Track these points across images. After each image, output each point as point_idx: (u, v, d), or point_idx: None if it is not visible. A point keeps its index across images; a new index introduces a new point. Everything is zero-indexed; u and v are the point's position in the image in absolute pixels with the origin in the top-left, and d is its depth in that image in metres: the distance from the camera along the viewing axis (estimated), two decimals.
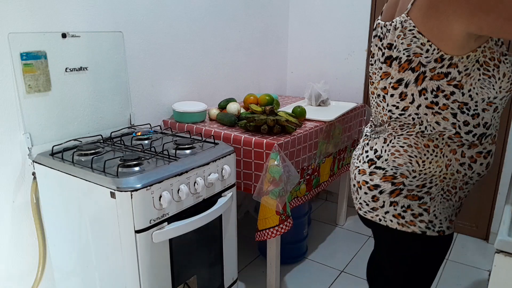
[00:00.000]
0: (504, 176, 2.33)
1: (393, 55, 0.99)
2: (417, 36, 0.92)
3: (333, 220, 2.75)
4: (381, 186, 1.04)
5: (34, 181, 1.51)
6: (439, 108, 0.95)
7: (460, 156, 0.98)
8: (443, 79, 0.92)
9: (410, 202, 1.02)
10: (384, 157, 1.04)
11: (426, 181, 1.00)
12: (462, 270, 2.21)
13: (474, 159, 0.98)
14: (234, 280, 1.75)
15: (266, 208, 1.73)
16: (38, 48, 1.46)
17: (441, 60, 0.91)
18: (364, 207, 1.11)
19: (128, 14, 1.79)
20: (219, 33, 2.31)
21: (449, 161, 0.98)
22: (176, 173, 1.35)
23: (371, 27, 2.59)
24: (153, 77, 1.97)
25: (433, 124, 0.97)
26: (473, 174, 1.01)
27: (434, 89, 0.94)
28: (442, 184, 1.00)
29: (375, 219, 1.09)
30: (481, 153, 0.99)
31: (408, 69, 0.95)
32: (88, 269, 1.44)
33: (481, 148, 0.98)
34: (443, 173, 0.99)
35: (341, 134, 2.24)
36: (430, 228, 1.02)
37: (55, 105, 1.55)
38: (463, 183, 1.02)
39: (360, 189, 1.11)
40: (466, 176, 1.00)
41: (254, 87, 2.69)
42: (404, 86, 0.97)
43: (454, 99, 0.94)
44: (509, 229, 0.89)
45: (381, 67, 1.03)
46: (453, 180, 1.00)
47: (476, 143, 0.98)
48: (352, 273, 2.18)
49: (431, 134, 0.98)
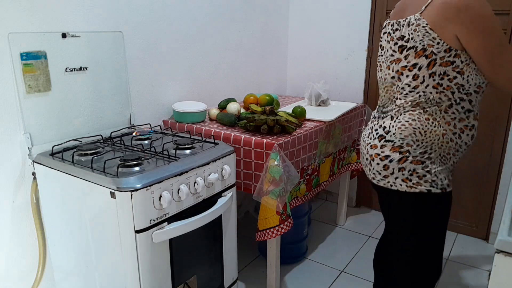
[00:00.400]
0: (504, 176, 2.33)
1: (407, 45, 1.22)
2: (429, 31, 1.16)
3: (333, 220, 2.75)
4: (391, 156, 1.26)
5: (34, 181, 1.51)
6: (443, 88, 1.19)
7: (453, 127, 1.23)
8: (450, 66, 1.17)
9: (415, 167, 1.23)
10: (392, 131, 1.26)
11: (427, 148, 1.23)
12: (462, 270, 2.21)
13: (462, 130, 1.24)
14: (234, 280, 1.75)
15: (266, 208, 1.73)
16: (38, 48, 1.46)
17: (449, 51, 1.15)
18: (377, 176, 1.32)
19: (128, 14, 1.79)
20: (219, 33, 2.31)
21: (445, 131, 1.22)
22: (176, 173, 1.35)
23: (371, 27, 2.59)
24: (153, 77, 1.97)
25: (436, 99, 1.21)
26: (461, 143, 1.25)
27: (441, 73, 1.18)
28: (440, 150, 1.24)
29: (386, 186, 1.30)
30: (467, 126, 1.24)
31: (422, 56, 1.19)
32: (88, 269, 1.44)
33: (467, 122, 1.23)
34: (440, 141, 1.23)
35: (341, 134, 2.24)
36: (434, 187, 1.24)
37: (55, 105, 1.55)
38: (455, 150, 1.26)
39: (372, 161, 1.32)
40: (457, 145, 1.25)
41: (254, 87, 2.69)
42: (418, 69, 1.21)
43: (456, 82, 1.18)
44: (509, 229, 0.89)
45: (392, 54, 1.29)
46: (448, 147, 1.24)
47: (464, 117, 1.23)
48: (352, 273, 2.18)
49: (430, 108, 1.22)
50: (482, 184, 2.42)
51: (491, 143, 2.34)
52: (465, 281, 2.11)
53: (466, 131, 1.24)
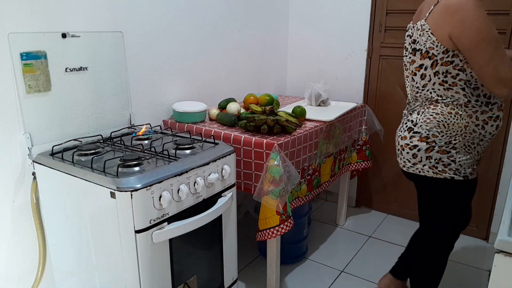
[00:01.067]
0: (504, 176, 2.33)
1: (417, 47, 1.40)
2: (430, 36, 1.32)
3: (333, 220, 2.75)
4: (419, 146, 1.43)
5: (34, 181, 1.51)
6: (449, 85, 1.33)
7: (475, 119, 1.35)
8: (450, 65, 1.31)
9: (441, 156, 1.40)
10: (419, 124, 1.43)
11: (451, 139, 1.37)
12: (462, 270, 2.21)
13: (486, 122, 1.36)
14: (234, 280, 1.75)
15: (266, 208, 1.73)
16: (38, 48, 1.46)
17: (446, 52, 1.30)
18: (407, 164, 1.51)
19: (128, 14, 1.79)
20: (219, 33, 2.31)
21: (467, 123, 1.35)
22: (176, 173, 1.35)
23: (371, 27, 2.59)
24: (153, 77, 1.97)
25: (449, 96, 1.35)
26: (486, 133, 1.38)
27: (444, 72, 1.33)
28: (464, 140, 1.37)
29: (415, 172, 1.48)
30: (491, 117, 1.36)
31: (426, 57, 1.36)
32: (88, 269, 1.44)
33: (491, 114, 1.36)
34: (463, 132, 1.36)
35: (341, 134, 2.24)
36: (457, 174, 1.40)
37: (55, 105, 1.55)
38: (479, 140, 1.38)
39: (403, 151, 1.50)
40: (481, 135, 1.37)
41: (254, 87, 2.69)
42: (424, 69, 1.38)
43: (460, 78, 1.31)
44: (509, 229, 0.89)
45: (410, 56, 1.45)
46: (472, 138, 1.37)
47: (487, 110, 1.35)
48: (352, 273, 2.18)
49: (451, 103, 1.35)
50: (482, 184, 2.42)
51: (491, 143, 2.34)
52: (465, 281, 2.10)
53: (490, 122, 1.36)
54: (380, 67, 2.63)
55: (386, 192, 2.83)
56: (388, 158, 2.74)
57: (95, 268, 1.42)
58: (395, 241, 2.50)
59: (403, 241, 2.45)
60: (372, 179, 2.86)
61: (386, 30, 2.55)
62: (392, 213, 2.83)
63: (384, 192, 2.84)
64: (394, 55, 2.57)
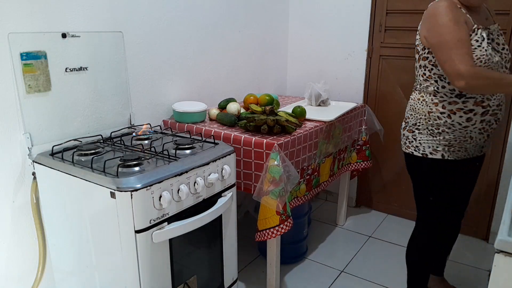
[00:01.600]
0: (504, 176, 2.33)
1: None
2: (418, 34, 1.56)
3: (333, 220, 2.75)
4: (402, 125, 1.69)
5: (34, 181, 1.51)
6: (427, 77, 1.54)
7: (441, 108, 1.51)
8: (426, 60, 1.52)
9: (408, 134, 1.63)
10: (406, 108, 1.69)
11: (417, 121, 1.59)
12: (462, 270, 2.21)
13: (453, 112, 1.49)
14: (234, 280, 1.75)
15: (266, 208, 1.73)
16: (38, 48, 1.46)
17: (424, 49, 1.52)
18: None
19: (128, 14, 1.79)
20: (219, 33, 2.31)
21: (431, 109, 1.53)
22: (176, 173, 1.35)
23: (371, 27, 2.59)
24: (153, 77, 1.97)
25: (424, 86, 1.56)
26: (454, 123, 1.50)
27: (423, 66, 1.54)
28: (427, 124, 1.55)
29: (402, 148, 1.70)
30: (461, 109, 1.48)
31: (416, 52, 1.59)
32: (88, 269, 1.44)
33: (461, 106, 1.48)
34: (426, 117, 1.55)
35: (341, 134, 2.24)
36: (416, 151, 1.61)
37: (55, 105, 1.55)
38: (447, 128, 1.52)
39: None
40: (447, 123, 1.51)
41: (254, 87, 2.69)
42: (415, 63, 1.60)
43: (434, 72, 1.51)
44: (509, 229, 0.89)
45: None
46: (436, 123, 1.53)
47: (457, 101, 1.48)
48: (352, 273, 2.18)
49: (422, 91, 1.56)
50: (482, 184, 2.42)
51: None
52: (465, 281, 2.10)
53: (459, 113, 1.49)
54: (380, 67, 2.63)
55: (386, 192, 2.83)
56: (388, 158, 2.74)
57: (95, 268, 1.42)
58: (395, 241, 2.50)
59: (403, 241, 2.45)
60: (372, 179, 2.86)
61: (386, 30, 2.55)
62: (392, 213, 2.83)
63: (384, 192, 2.84)
64: (394, 55, 2.56)
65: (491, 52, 1.43)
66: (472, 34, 1.43)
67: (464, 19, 1.42)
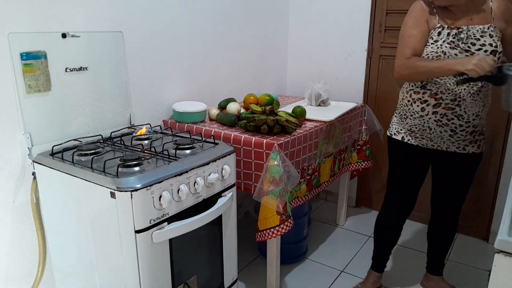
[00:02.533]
0: (504, 176, 2.33)
1: None
2: None
3: (333, 220, 2.75)
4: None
5: (34, 181, 1.51)
6: None
7: (409, 96, 1.67)
8: None
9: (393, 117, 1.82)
10: None
11: (398, 105, 1.76)
12: (462, 270, 2.21)
13: (414, 101, 1.64)
14: (234, 280, 1.75)
15: (266, 208, 1.73)
16: (38, 48, 1.46)
17: None
18: None
19: (128, 14, 1.79)
20: (219, 33, 2.31)
21: (404, 97, 1.70)
22: (176, 173, 1.35)
23: (371, 27, 2.59)
24: (153, 77, 1.97)
25: None
26: (413, 111, 1.66)
27: None
28: (399, 110, 1.74)
29: None
30: (420, 99, 1.62)
31: None
32: (88, 269, 1.44)
33: (420, 96, 1.62)
34: (400, 103, 1.73)
35: (341, 134, 2.24)
36: (388, 131, 1.82)
37: (55, 105, 1.55)
38: (409, 115, 1.68)
39: None
40: (410, 110, 1.67)
41: (254, 87, 2.69)
42: None
43: None
44: (509, 229, 0.89)
45: None
46: (405, 110, 1.70)
47: (419, 91, 1.62)
48: (352, 273, 2.18)
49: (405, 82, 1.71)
50: (482, 184, 2.42)
51: (491, 143, 2.34)
52: (465, 281, 2.10)
53: (417, 103, 1.63)
54: (380, 67, 2.63)
55: None
56: None
57: (95, 268, 1.42)
58: None
59: (402, 240, 2.45)
60: (372, 179, 2.86)
61: (386, 30, 2.55)
62: None
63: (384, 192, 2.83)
64: (394, 55, 2.52)
65: (446, 49, 1.51)
66: (433, 32, 1.54)
67: (426, 19, 1.55)
